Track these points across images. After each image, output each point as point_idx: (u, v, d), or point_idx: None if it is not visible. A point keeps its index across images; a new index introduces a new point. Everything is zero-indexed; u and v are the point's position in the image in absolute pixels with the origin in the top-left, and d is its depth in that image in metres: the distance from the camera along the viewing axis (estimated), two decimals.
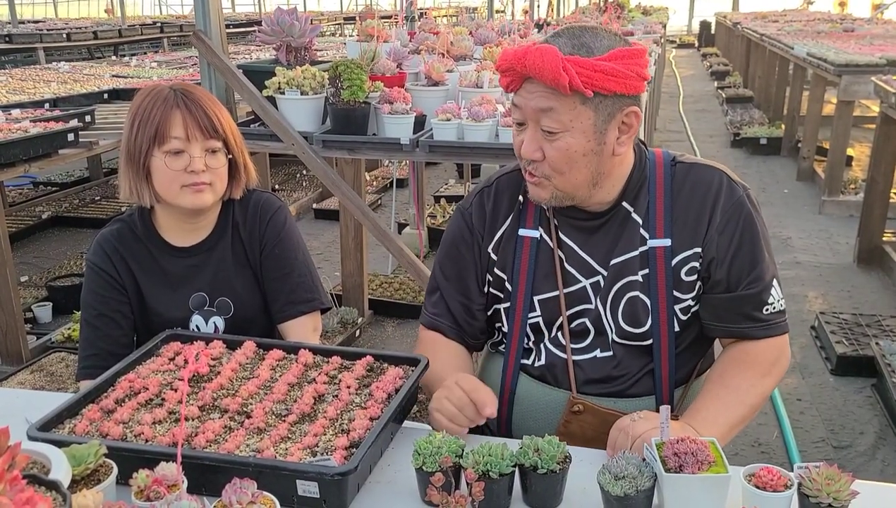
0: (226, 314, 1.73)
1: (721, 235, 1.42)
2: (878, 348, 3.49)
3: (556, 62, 1.27)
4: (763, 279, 1.44)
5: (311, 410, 1.36)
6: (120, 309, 1.71)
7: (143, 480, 1.11)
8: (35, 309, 4.19)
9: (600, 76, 1.29)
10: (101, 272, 1.70)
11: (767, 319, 1.45)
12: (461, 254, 1.57)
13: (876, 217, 4.89)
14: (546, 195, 1.42)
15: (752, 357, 1.46)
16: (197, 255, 1.73)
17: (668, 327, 1.45)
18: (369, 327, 4.18)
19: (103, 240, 1.73)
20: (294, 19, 2.94)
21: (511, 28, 4.33)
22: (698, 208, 1.43)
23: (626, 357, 1.48)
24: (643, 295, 1.44)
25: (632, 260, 1.45)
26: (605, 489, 1.13)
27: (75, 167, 7.33)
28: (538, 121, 1.35)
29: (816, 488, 1.12)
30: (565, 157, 1.35)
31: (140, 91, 1.66)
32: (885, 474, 2.84)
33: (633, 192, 1.46)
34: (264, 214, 1.76)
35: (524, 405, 1.53)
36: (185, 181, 1.60)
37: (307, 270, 1.77)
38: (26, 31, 10.07)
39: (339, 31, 14.44)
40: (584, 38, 1.33)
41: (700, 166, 1.48)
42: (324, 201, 6.30)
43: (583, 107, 1.32)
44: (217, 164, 1.64)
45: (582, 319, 1.48)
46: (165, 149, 1.59)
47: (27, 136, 3.42)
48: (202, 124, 1.60)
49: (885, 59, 5.72)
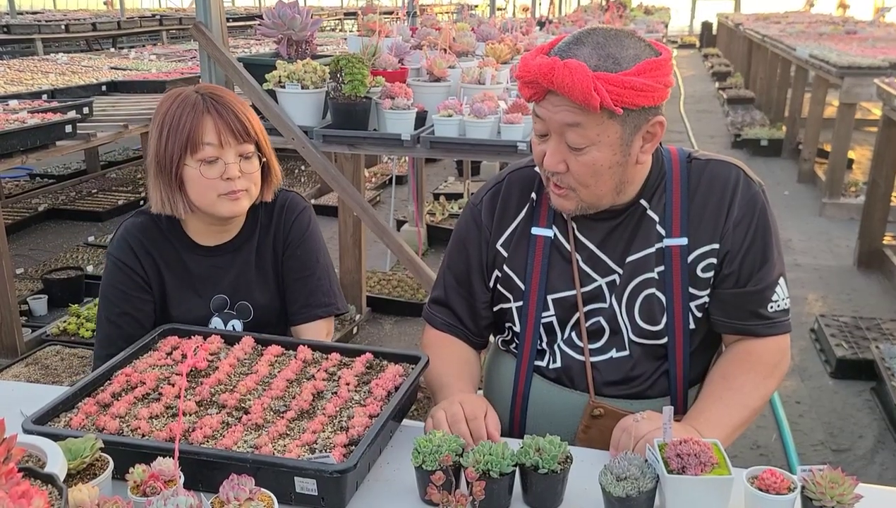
0: (245, 318, 1.70)
1: (737, 228, 1.42)
2: (878, 351, 3.49)
3: (588, 81, 1.22)
4: (771, 275, 1.43)
5: (309, 407, 1.34)
6: (144, 307, 1.66)
7: (140, 475, 1.09)
8: (30, 301, 4.17)
9: (630, 92, 1.24)
10: (126, 268, 1.64)
11: (772, 317, 1.45)
12: (468, 250, 1.55)
13: (876, 220, 4.88)
14: (572, 206, 1.40)
15: (756, 357, 1.45)
16: (222, 256, 1.69)
17: (682, 325, 1.44)
18: (367, 324, 4.16)
19: (127, 234, 1.66)
20: (295, 12, 2.92)
21: (514, 25, 4.31)
22: (716, 204, 1.42)
23: (641, 357, 1.47)
24: (659, 293, 1.43)
25: (647, 257, 1.44)
26: (607, 490, 1.12)
27: (72, 159, 7.30)
28: (563, 134, 1.31)
29: (820, 491, 1.11)
30: (591, 171, 1.33)
31: (164, 97, 1.60)
32: (884, 478, 2.84)
33: (651, 190, 1.44)
34: (289, 215, 1.73)
35: (538, 408, 1.51)
36: (221, 190, 1.55)
37: (326, 274, 1.75)
38: (25, 22, 10.05)
39: (340, 26, 14.41)
40: (610, 49, 1.27)
41: (716, 162, 1.46)
42: (323, 197, 6.28)
43: (610, 122, 1.29)
44: (251, 169, 1.59)
45: (597, 318, 1.47)
46: (199, 158, 1.53)
47: (24, 127, 3.40)
48: (235, 129, 1.54)
49: (887, 61, 5.72)
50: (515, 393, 1.52)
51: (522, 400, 1.52)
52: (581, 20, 6.14)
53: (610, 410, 1.44)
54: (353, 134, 2.77)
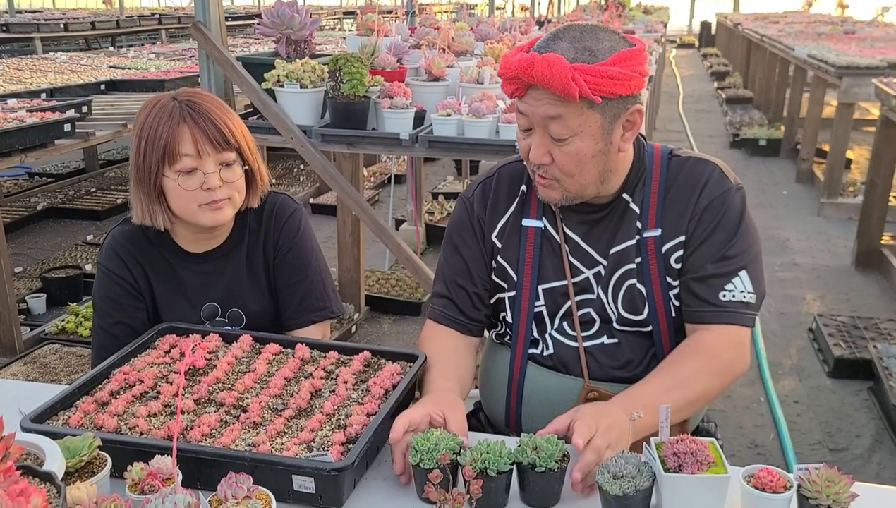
0: (237, 325, 1.69)
1: (699, 220, 1.44)
2: (876, 351, 3.49)
3: (566, 72, 1.27)
4: (728, 266, 1.42)
5: (307, 405, 1.34)
6: (137, 316, 1.65)
7: (138, 473, 1.10)
8: (29, 300, 4.17)
9: (607, 81, 1.30)
10: (117, 278, 1.63)
11: (723, 305, 1.42)
12: (464, 241, 1.57)
13: (875, 220, 4.89)
14: (557, 196, 1.44)
15: (704, 348, 1.41)
16: (211, 263, 1.67)
17: (665, 313, 1.47)
18: (365, 323, 4.17)
19: (116, 244, 1.65)
20: (294, 12, 2.92)
21: (512, 25, 4.32)
22: (686, 197, 1.46)
23: (630, 344, 1.49)
24: (640, 283, 1.46)
25: (629, 248, 1.47)
26: (604, 488, 1.12)
27: (71, 158, 7.30)
28: (546, 127, 1.36)
29: (816, 490, 1.11)
30: (575, 160, 1.37)
31: (143, 105, 1.57)
32: (882, 477, 2.85)
33: (633, 184, 1.48)
34: (279, 219, 1.69)
35: (534, 395, 1.53)
36: (202, 200, 1.52)
37: (320, 277, 1.72)
38: (23, 20, 10.03)
39: (339, 25, 14.40)
40: (586, 42, 1.33)
41: (695, 159, 1.50)
42: (321, 196, 6.28)
43: (590, 112, 1.34)
44: (233, 177, 1.55)
45: (587, 309, 1.50)
46: (177, 169, 1.50)
47: (23, 126, 3.40)
48: (213, 137, 1.50)
49: (885, 61, 5.72)
50: (511, 381, 1.54)
51: (518, 388, 1.54)
52: (580, 19, 6.14)
53: (604, 394, 1.45)
54: (351, 133, 2.77)
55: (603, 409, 1.29)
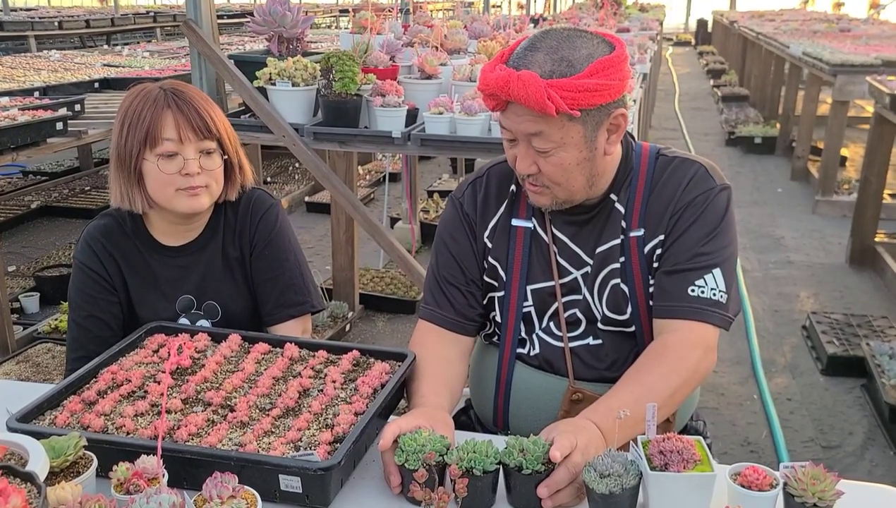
0: (213, 317, 1.69)
1: (680, 219, 1.43)
2: (869, 348, 3.50)
3: (540, 92, 1.26)
4: (700, 262, 1.40)
5: (295, 404, 1.34)
6: (110, 309, 1.66)
7: (123, 473, 1.09)
8: (22, 299, 4.16)
9: (585, 95, 1.28)
10: (90, 271, 1.65)
11: (691, 300, 1.38)
12: (456, 240, 1.56)
13: (869, 217, 4.90)
14: (548, 202, 1.44)
15: (669, 350, 1.37)
16: (186, 255, 1.68)
17: (647, 313, 1.46)
18: (360, 322, 4.16)
19: (90, 238, 1.67)
20: (286, 10, 2.91)
21: (507, 22, 4.31)
22: (669, 196, 1.45)
23: (613, 343, 1.49)
24: (623, 283, 1.46)
25: (613, 248, 1.47)
26: (590, 487, 1.12)
27: (65, 157, 7.28)
28: (529, 141, 1.36)
29: (801, 487, 1.11)
30: (560, 170, 1.37)
31: (129, 92, 1.60)
32: (874, 474, 2.85)
33: (620, 184, 1.48)
34: (255, 214, 1.71)
35: (521, 395, 1.53)
36: (179, 184, 1.55)
37: (298, 272, 1.72)
38: (18, 18, 10.00)
39: (335, 23, 14.37)
40: (563, 51, 1.31)
41: (682, 159, 1.49)
42: (316, 194, 6.27)
43: (571, 124, 1.33)
44: (212, 166, 1.59)
45: (573, 310, 1.50)
46: (158, 152, 1.53)
47: (15, 124, 3.39)
48: (195, 124, 1.54)
49: (880, 59, 5.73)
50: (499, 380, 1.54)
51: (506, 387, 1.54)
52: (575, 18, 6.13)
53: (589, 395, 1.45)
54: (343, 131, 2.77)
55: (580, 426, 1.25)
